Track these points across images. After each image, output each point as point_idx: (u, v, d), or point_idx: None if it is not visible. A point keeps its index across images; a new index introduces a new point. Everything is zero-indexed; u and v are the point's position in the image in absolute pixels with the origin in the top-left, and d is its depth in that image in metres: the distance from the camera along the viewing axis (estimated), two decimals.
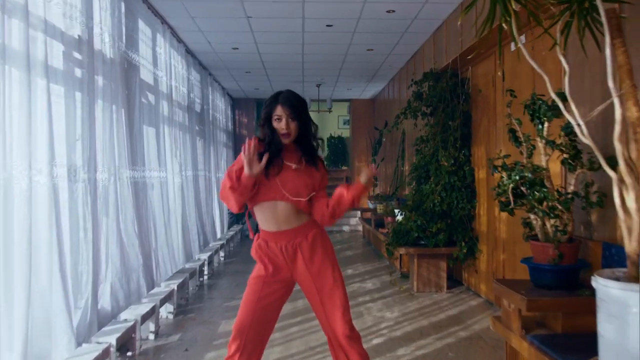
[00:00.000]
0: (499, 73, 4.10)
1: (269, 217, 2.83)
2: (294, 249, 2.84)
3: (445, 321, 5.03)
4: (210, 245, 8.29)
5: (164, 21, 6.38)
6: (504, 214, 5.15)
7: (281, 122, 2.79)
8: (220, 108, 10.70)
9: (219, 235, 9.50)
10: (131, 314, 4.38)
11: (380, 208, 9.14)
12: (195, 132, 8.06)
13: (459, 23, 4.90)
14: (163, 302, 4.88)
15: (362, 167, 2.80)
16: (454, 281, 6.53)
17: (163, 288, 5.11)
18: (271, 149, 2.80)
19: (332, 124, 16.74)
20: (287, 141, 2.81)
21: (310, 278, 2.84)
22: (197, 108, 8.45)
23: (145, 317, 4.43)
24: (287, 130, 2.80)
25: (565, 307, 2.98)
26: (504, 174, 3.19)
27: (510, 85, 4.99)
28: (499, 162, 3.34)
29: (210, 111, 9.52)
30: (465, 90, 6.09)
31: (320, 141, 3.09)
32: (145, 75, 5.71)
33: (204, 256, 7.07)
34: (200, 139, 8.58)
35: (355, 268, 7.85)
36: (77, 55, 4.03)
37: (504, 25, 2.51)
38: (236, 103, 13.06)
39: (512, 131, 3.35)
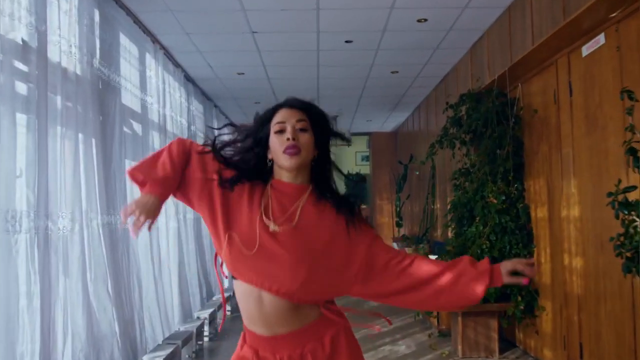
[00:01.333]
0: None
1: (252, 309, 1.72)
2: None
3: None
4: (215, 298, 7.20)
5: (154, 39, 5.45)
6: (578, 262, 4.03)
7: (285, 133, 1.73)
8: None
9: (226, 284, 8.39)
10: None
11: (409, 252, 8.01)
12: None
13: None
14: None
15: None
16: (506, 342, 5.35)
17: None
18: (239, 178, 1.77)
19: (349, 161, 15.70)
20: (293, 163, 1.72)
21: None
22: (200, 142, 7.48)
23: None
24: (294, 142, 1.71)
25: None
26: (635, 215, 2.09)
27: (584, 98, 3.94)
28: (620, 198, 2.24)
29: None
30: (514, 112, 5.04)
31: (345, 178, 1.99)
32: (129, 100, 4.75)
33: (205, 314, 5.99)
34: None
35: (382, 323, 6.68)
36: (20, 65, 3.06)
37: None
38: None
39: (633, 151, 2.26)
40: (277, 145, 1.73)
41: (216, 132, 1.94)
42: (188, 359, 5.18)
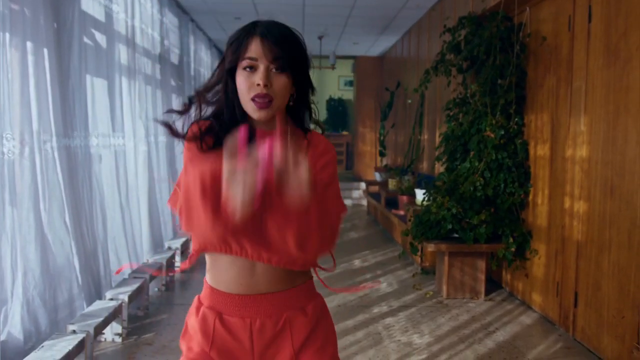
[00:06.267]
0: None
1: (234, 268, 1.44)
2: (277, 329, 1.44)
3: (497, 354, 3.66)
4: None
5: None
6: (581, 206, 3.72)
7: (256, 72, 1.37)
8: (205, 62, 9.13)
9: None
10: (52, 349, 2.97)
11: (392, 183, 7.71)
12: (170, 88, 6.54)
13: None
14: (106, 323, 3.47)
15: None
16: (491, 282, 5.14)
17: (106, 302, 3.69)
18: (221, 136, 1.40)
19: (332, 85, 15.20)
20: (262, 116, 1.38)
21: None
22: (174, 59, 6.92)
23: (74, 353, 3.03)
24: (266, 89, 1.36)
25: None
26: None
27: (605, 26, 3.51)
28: None
29: (192, 64, 7.97)
30: (520, 39, 4.59)
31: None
32: (91, 7, 4.18)
33: (177, 243, 5.65)
34: (177, 96, 7.06)
35: (363, 257, 6.46)
36: None
37: None
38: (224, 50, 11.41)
39: None
40: (243, 86, 1.38)
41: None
42: (157, 292, 4.87)
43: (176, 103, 6.92)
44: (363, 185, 10.85)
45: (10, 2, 3.03)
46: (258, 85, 1.35)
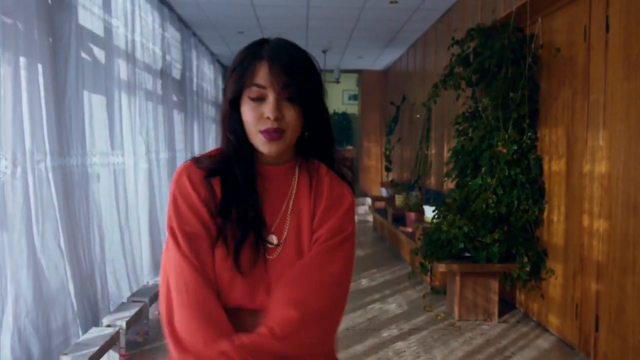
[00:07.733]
0: None
1: None
2: None
3: None
4: None
5: None
6: (601, 225, 3.54)
7: (264, 103, 1.21)
8: (207, 76, 9.01)
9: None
10: None
11: (400, 200, 7.54)
12: (172, 104, 6.40)
13: None
14: (102, 352, 3.29)
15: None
16: (504, 302, 4.95)
17: (102, 328, 3.51)
18: (231, 181, 1.28)
19: (336, 99, 15.05)
20: (273, 150, 1.23)
21: None
22: (176, 74, 6.78)
23: None
24: (277, 123, 1.21)
25: None
26: None
27: (624, 36, 3.35)
28: None
29: (195, 79, 7.84)
30: (532, 50, 4.44)
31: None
32: (89, 21, 4.04)
33: None
34: (179, 112, 6.92)
35: (371, 276, 6.27)
36: None
37: None
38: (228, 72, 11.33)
39: None
40: (250, 117, 1.22)
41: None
42: (158, 315, 4.69)
43: (179, 119, 6.79)
44: (369, 200, 10.68)
45: (2, 16, 2.89)
46: (268, 118, 1.20)
